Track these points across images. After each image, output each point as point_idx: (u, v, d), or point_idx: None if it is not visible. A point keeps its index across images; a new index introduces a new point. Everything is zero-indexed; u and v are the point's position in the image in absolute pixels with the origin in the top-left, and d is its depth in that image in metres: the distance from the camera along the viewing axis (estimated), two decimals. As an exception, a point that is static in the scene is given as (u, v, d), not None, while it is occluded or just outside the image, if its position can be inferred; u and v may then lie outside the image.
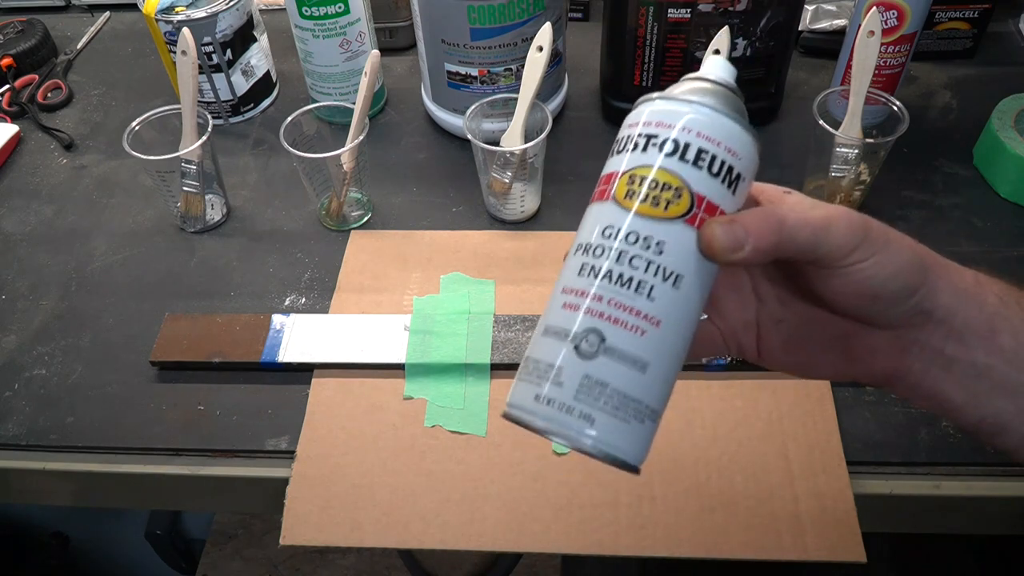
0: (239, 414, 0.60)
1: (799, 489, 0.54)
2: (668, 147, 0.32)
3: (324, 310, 0.67)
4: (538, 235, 0.72)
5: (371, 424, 0.59)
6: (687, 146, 0.32)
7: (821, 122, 0.66)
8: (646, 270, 0.31)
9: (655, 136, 0.32)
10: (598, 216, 0.33)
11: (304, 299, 0.68)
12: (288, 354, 0.62)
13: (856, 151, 0.66)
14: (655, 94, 0.34)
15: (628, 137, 0.34)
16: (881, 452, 0.56)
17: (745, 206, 0.34)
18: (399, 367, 0.61)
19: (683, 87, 0.35)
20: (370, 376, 0.62)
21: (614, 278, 0.31)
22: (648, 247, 0.31)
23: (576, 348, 0.31)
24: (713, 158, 0.32)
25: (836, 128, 0.66)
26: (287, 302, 0.68)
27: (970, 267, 0.35)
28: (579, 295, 0.32)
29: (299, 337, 0.63)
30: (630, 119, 0.34)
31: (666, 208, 0.32)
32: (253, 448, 0.58)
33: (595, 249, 0.32)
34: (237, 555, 1.15)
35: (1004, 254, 0.68)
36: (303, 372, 0.62)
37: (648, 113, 0.33)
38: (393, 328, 0.63)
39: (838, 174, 0.68)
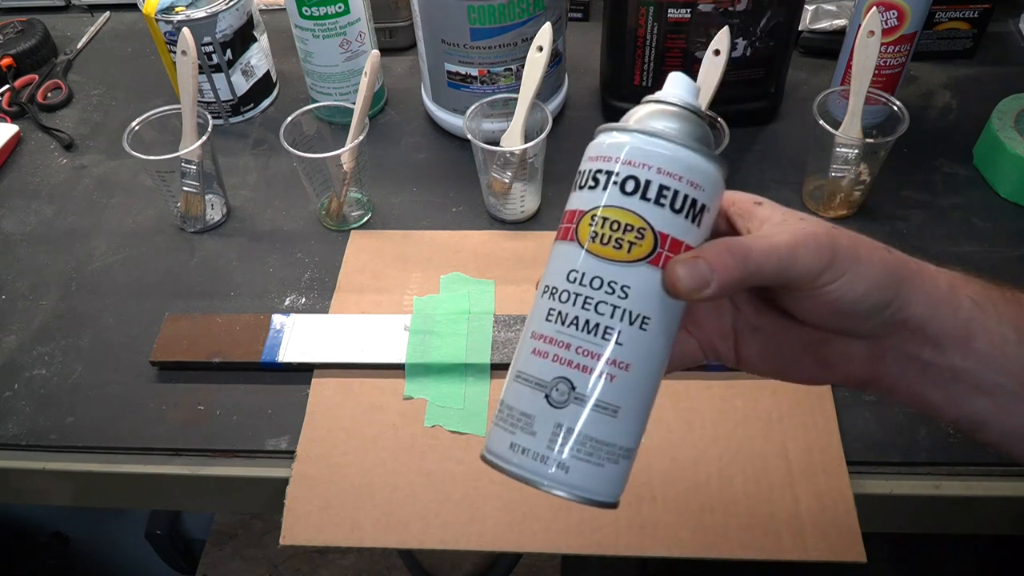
0: (239, 414, 0.60)
1: (799, 489, 0.54)
2: (629, 186, 0.32)
3: (324, 310, 0.67)
4: (538, 235, 0.72)
5: (371, 424, 0.59)
6: (647, 184, 0.32)
7: (821, 122, 0.66)
8: (612, 315, 0.31)
9: (615, 173, 0.32)
10: (563, 258, 0.33)
11: (304, 299, 0.68)
12: (288, 354, 0.62)
13: (856, 151, 0.66)
14: (614, 124, 0.34)
15: (589, 172, 0.33)
16: (881, 452, 0.56)
17: (714, 227, 0.34)
18: (399, 367, 0.61)
19: (643, 114, 0.34)
20: (370, 376, 0.62)
21: (580, 325, 0.32)
22: (612, 292, 0.31)
23: (547, 397, 0.32)
24: (675, 194, 0.32)
25: (836, 128, 0.66)
26: (287, 302, 0.68)
27: (950, 267, 0.35)
28: (547, 342, 0.32)
29: (299, 337, 0.63)
30: (591, 150, 0.34)
31: (629, 251, 0.31)
32: (253, 448, 0.58)
33: (561, 294, 0.32)
34: (237, 555, 1.15)
35: (1004, 254, 0.68)
36: (303, 372, 0.62)
37: (607, 147, 0.33)
38: (393, 328, 0.63)
39: (838, 174, 0.68)
